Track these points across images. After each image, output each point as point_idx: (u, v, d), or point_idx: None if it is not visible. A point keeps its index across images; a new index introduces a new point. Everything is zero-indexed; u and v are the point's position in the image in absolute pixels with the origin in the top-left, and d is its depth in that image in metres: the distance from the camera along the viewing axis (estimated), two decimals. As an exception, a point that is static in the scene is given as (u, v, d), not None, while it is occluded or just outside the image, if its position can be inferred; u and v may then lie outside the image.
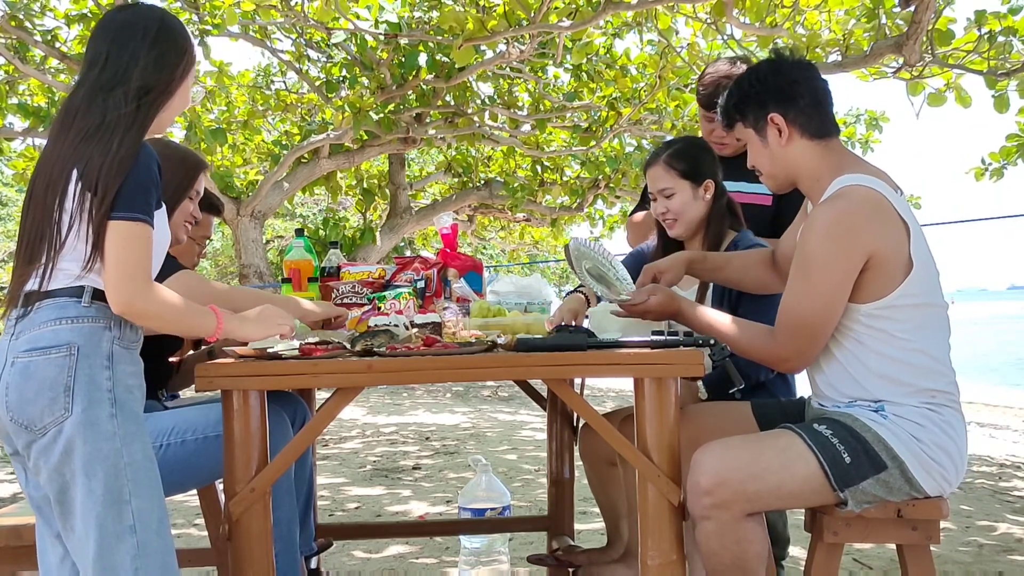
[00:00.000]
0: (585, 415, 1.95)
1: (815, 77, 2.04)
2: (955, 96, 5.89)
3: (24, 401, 1.64)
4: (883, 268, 1.88)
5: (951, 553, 3.56)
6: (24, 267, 1.70)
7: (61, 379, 1.63)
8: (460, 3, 6.47)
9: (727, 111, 2.10)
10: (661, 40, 7.08)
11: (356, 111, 7.44)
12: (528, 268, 17.97)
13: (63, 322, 1.66)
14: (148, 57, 1.74)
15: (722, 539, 1.86)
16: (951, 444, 1.90)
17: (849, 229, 1.87)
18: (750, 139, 2.07)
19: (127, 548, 1.63)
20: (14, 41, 6.65)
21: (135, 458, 1.66)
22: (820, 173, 2.00)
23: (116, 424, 1.65)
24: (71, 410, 1.63)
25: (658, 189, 2.48)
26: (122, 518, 1.63)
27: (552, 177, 10.56)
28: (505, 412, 9.12)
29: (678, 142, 2.57)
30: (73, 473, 1.64)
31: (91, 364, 1.65)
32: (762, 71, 2.06)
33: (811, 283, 1.90)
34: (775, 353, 1.98)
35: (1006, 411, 12.00)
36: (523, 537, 3.62)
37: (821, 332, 1.92)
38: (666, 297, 2.09)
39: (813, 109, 2.01)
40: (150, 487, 1.68)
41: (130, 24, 1.77)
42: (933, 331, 1.94)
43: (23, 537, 1.91)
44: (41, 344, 1.65)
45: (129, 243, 1.65)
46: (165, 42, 1.77)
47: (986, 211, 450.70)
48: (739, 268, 2.31)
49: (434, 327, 2.11)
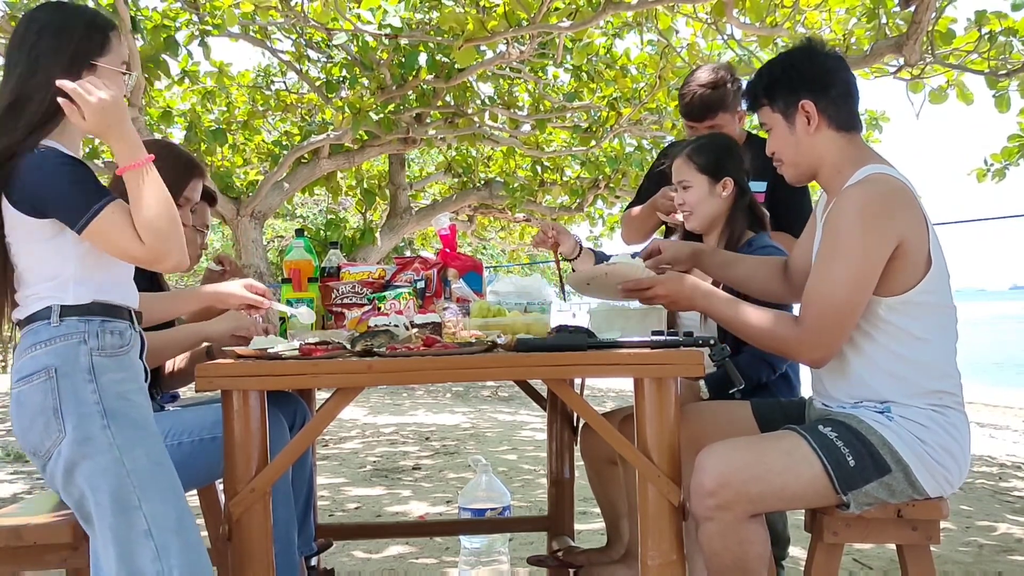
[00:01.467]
0: (585, 415, 1.95)
1: (846, 69, 2.02)
2: (957, 93, 5.89)
3: (24, 430, 1.68)
4: (908, 259, 1.86)
5: (951, 553, 3.56)
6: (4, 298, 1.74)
7: (48, 403, 1.65)
8: (460, 4, 6.47)
9: (754, 93, 2.06)
10: (661, 40, 7.09)
11: (356, 111, 7.43)
12: (528, 268, 17.97)
13: (38, 347, 1.67)
14: (24, 67, 1.69)
15: (725, 540, 1.85)
16: (955, 446, 1.90)
17: (883, 212, 1.85)
18: (775, 124, 2.03)
19: (146, 553, 1.64)
20: (14, 41, 6.63)
21: (138, 464, 1.67)
22: (842, 165, 1.98)
23: (111, 435, 1.66)
24: (64, 430, 1.65)
25: (677, 180, 2.54)
26: (135, 524, 1.64)
27: (552, 177, 10.55)
28: (505, 412, 9.12)
29: (705, 138, 2.61)
30: (81, 490, 1.66)
31: (73, 382, 1.66)
32: (796, 57, 2.04)
33: (842, 265, 1.85)
34: (802, 341, 1.91)
35: (1006, 411, 11.99)
36: (523, 537, 3.62)
37: (850, 319, 1.88)
38: (676, 281, 2.07)
39: (843, 101, 1.99)
40: (161, 489, 1.69)
41: (14, 37, 1.74)
42: (945, 331, 1.93)
43: (23, 537, 1.90)
44: (24, 372, 1.68)
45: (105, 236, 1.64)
46: (42, 39, 1.70)
47: (987, 211, 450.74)
48: (748, 269, 2.27)
49: (434, 327, 2.10)
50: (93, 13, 1.76)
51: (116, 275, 1.75)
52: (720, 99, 2.79)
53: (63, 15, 1.73)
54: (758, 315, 1.98)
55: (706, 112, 2.80)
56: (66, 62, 1.68)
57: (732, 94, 2.81)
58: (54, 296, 1.68)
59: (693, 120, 2.85)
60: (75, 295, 1.69)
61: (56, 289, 1.68)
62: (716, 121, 2.81)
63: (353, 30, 6.58)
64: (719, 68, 2.86)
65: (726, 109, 2.81)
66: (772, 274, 2.24)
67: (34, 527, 1.89)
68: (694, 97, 2.80)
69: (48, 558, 1.92)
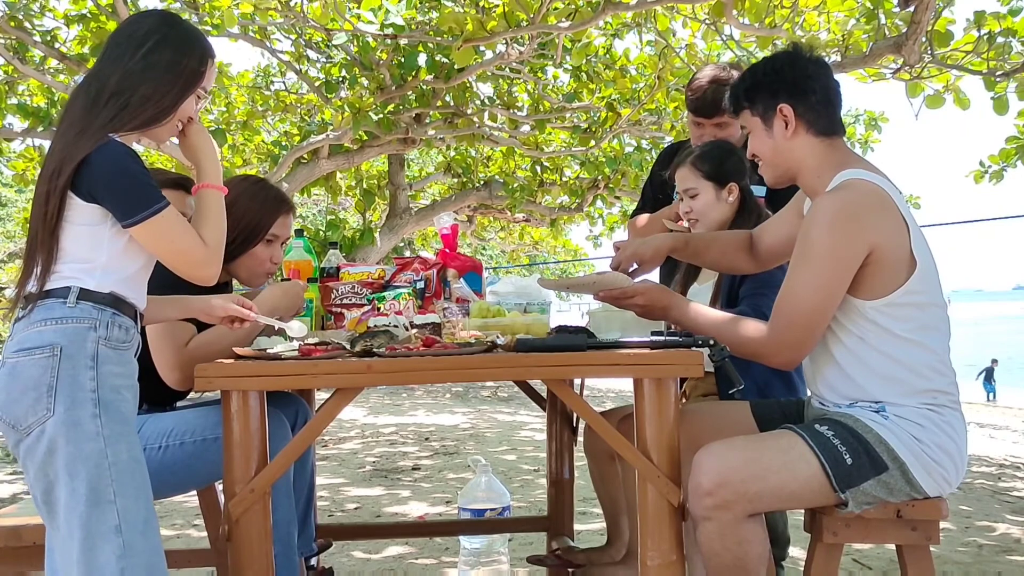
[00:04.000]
0: (585, 416, 1.95)
1: (829, 76, 2.03)
2: (953, 98, 5.89)
3: (10, 401, 1.67)
4: (885, 263, 1.87)
5: (950, 553, 3.56)
6: (24, 269, 1.75)
7: (44, 379, 1.65)
8: (460, 4, 6.47)
9: (736, 95, 2.08)
10: (660, 41, 7.08)
11: (356, 111, 7.43)
12: (528, 269, 17.97)
13: (48, 323, 1.69)
14: (133, 64, 1.76)
15: (724, 540, 1.85)
16: (952, 444, 1.90)
17: (852, 219, 1.86)
18: (755, 127, 2.05)
19: (112, 548, 1.63)
20: (13, 41, 6.64)
21: (119, 458, 1.67)
22: (822, 170, 2.00)
23: (100, 424, 1.66)
24: (53, 410, 1.64)
25: (683, 189, 2.56)
26: (106, 518, 1.64)
27: (552, 177, 10.55)
28: (504, 412, 9.12)
29: (707, 146, 2.62)
30: (56, 473, 1.65)
31: (74, 365, 1.67)
32: (779, 61, 2.05)
33: (812, 272, 1.88)
34: (770, 345, 1.94)
35: (1005, 411, 12.01)
36: (523, 537, 3.62)
37: (818, 323, 1.91)
38: (656, 292, 2.09)
39: (823, 107, 2.00)
40: (136, 487, 1.69)
41: (125, 31, 1.82)
42: (935, 331, 1.94)
43: (23, 537, 1.91)
44: (27, 345, 1.68)
45: (165, 234, 1.73)
46: (159, 52, 1.78)
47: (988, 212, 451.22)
48: (718, 251, 2.33)
49: (434, 327, 2.11)
50: (206, 41, 1.88)
51: (136, 275, 1.79)
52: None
53: (184, 35, 1.83)
54: (729, 324, 2.01)
55: (716, 108, 2.75)
56: (179, 82, 1.80)
57: None
58: (77, 278, 1.71)
59: (702, 116, 2.81)
60: (97, 283, 1.72)
61: (81, 272, 1.71)
62: (724, 119, 2.77)
63: (353, 31, 6.58)
64: (728, 66, 2.84)
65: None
66: (738, 251, 2.31)
67: (34, 527, 1.90)
68: (705, 92, 2.76)
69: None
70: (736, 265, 2.33)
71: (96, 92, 1.75)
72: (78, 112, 1.74)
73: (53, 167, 1.70)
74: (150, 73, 1.76)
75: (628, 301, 2.10)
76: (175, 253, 1.76)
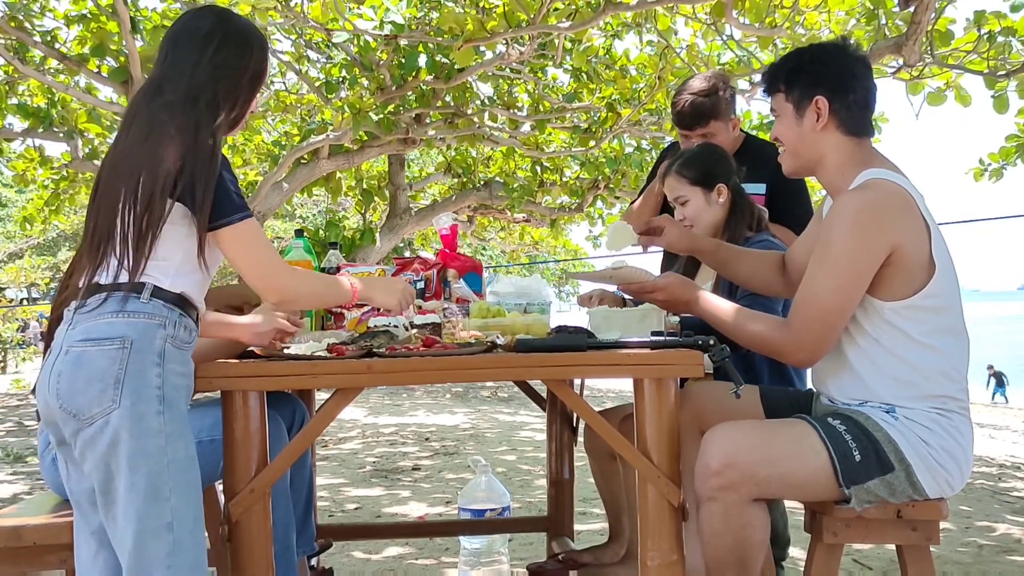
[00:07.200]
0: (585, 416, 1.95)
1: (871, 78, 2.02)
2: (955, 95, 5.90)
3: (74, 390, 1.65)
4: (905, 265, 1.86)
5: (951, 553, 3.56)
6: (88, 261, 1.74)
7: (112, 371, 1.65)
8: (460, 4, 6.47)
9: (775, 75, 2.05)
10: (660, 41, 7.08)
11: (356, 112, 7.43)
12: (528, 269, 17.96)
13: (120, 316, 1.68)
14: (202, 67, 1.78)
15: (727, 522, 1.84)
16: (958, 449, 1.90)
17: (875, 219, 1.85)
18: (785, 112, 2.03)
19: (163, 545, 1.64)
20: (14, 42, 6.64)
21: (178, 456, 1.68)
22: (846, 168, 1.98)
23: (163, 421, 1.66)
24: (119, 403, 1.64)
25: (673, 198, 2.57)
26: (161, 515, 1.64)
27: (552, 178, 10.54)
28: (504, 413, 9.12)
29: (691, 151, 2.62)
30: (119, 465, 1.65)
31: (143, 359, 1.67)
32: (827, 52, 2.03)
33: (832, 271, 1.87)
34: (788, 343, 1.93)
35: (1006, 411, 12.02)
36: (523, 538, 3.62)
37: (837, 322, 1.90)
38: (679, 281, 2.09)
39: (859, 108, 1.98)
40: (189, 486, 1.69)
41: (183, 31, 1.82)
42: (949, 335, 1.92)
43: (23, 537, 1.90)
44: (95, 335, 1.67)
45: (249, 242, 1.76)
46: (226, 48, 1.80)
47: (989, 211, 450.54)
48: (750, 265, 2.29)
49: (434, 328, 2.11)
50: (262, 35, 1.89)
51: (201, 280, 1.79)
52: (712, 107, 2.76)
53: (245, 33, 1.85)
54: (750, 319, 2.00)
55: (697, 120, 2.77)
56: (245, 83, 1.83)
57: (725, 102, 2.78)
58: (152, 276, 1.71)
59: (685, 128, 2.82)
60: (171, 282, 1.73)
61: (157, 270, 1.72)
62: (708, 129, 2.77)
63: (353, 31, 6.58)
64: (711, 76, 2.84)
65: (718, 117, 2.77)
66: (773, 270, 2.27)
67: (34, 527, 1.90)
68: (685, 105, 2.77)
69: (48, 558, 1.92)
70: (771, 286, 2.27)
71: (172, 94, 1.75)
72: (157, 114, 1.73)
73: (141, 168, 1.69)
74: (221, 72, 1.79)
75: (649, 295, 2.10)
76: (252, 261, 1.78)
